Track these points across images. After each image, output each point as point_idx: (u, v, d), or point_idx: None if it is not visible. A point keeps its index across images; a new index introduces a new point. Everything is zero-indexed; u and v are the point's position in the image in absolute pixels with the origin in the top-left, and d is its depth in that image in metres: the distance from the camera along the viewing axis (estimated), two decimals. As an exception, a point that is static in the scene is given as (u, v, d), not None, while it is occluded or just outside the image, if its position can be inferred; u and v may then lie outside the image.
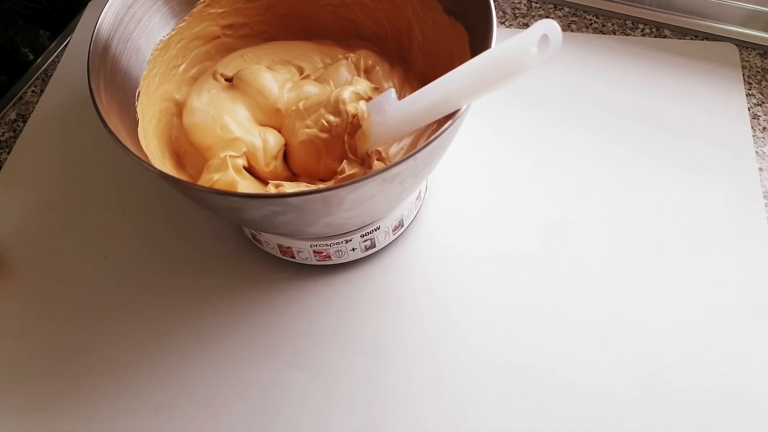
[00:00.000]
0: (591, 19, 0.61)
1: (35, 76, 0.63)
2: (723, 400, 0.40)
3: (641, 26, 0.60)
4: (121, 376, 0.43)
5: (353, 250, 0.45)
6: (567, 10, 0.62)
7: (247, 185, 0.41)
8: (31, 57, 0.63)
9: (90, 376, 0.43)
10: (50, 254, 0.50)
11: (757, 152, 0.50)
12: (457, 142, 0.39)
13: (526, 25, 0.61)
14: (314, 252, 0.44)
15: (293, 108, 0.43)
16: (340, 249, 0.44)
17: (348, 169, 0.40)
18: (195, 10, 0.46)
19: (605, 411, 0.39)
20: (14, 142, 0.57)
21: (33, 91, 0.62)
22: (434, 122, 0.37)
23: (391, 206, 0.42)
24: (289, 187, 0.40)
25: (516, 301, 0.44)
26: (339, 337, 0.44)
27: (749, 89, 0.54)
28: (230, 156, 0.41)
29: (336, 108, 0.40)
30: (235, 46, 0.49)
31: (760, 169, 0.49)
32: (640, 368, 0.41)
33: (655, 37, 0.59)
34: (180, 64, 0.47)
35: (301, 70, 0.47)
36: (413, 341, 0.43)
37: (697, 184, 0.49)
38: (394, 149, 0.43)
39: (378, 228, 0.44)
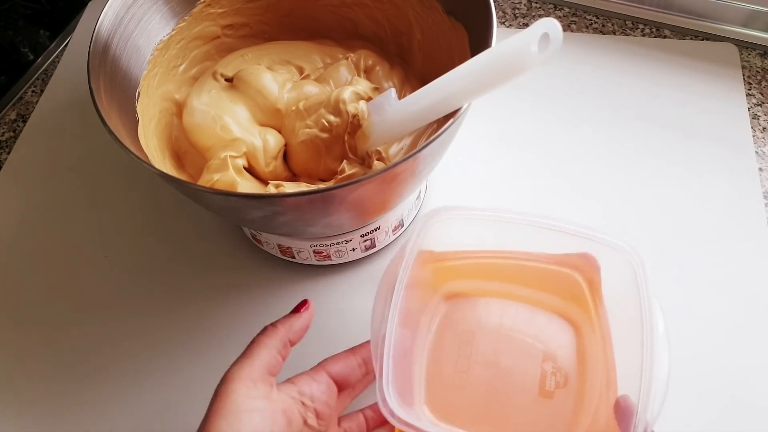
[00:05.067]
0: (591, 19, 0.61)
1: (35, 76, 0.63)
2: (722, 399, 0.40)
3: (641, 26, 0.60)
4: (121, 375, 0.43)
5: (353, 250, 0.45)
6: (567, 10, 0.62)
7: (247, 185, 0.41)
8: (31, 57, 0.63)
9: (90, 376, 0.43)
10: (50, 254, 0.50)
11: (757, 152, 0.50)
12: (458, 142, 0.38)
13: (526, 25, 0.61)
14: (314, 252, 0.44)
15: (293, 108, 0.43)
16: (340, 249, 0.44)
17: (348, 169, 0.40)
18: (195, 10, 0.46)
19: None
20: (14, 142, 0.57)
21: (33, 91, 0.62)
22: (434, 122, 0.37)
23: (391, 206, 0.42)
24: (289, 187, 0.40)
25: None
26: (338, 336, 0.44)
27: (749, 89, 0.54)
28: (230, 156, 0.41)
29: (336, 108, 0.40)
30: (235, 46, 0.49)
31: (760, 169, 0.49)
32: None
33: (655, 37, 0.59)
34: (180, 64, 0.47)
35: (301, 70, 0.47)
36: (413, 341, 0.43)
37: (698, 184, 0.49)
38: (394, 149, 0.43)
39: (378, 228, 0.44)
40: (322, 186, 0.40)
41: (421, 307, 0.39)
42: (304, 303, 0.36)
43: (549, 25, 0.29)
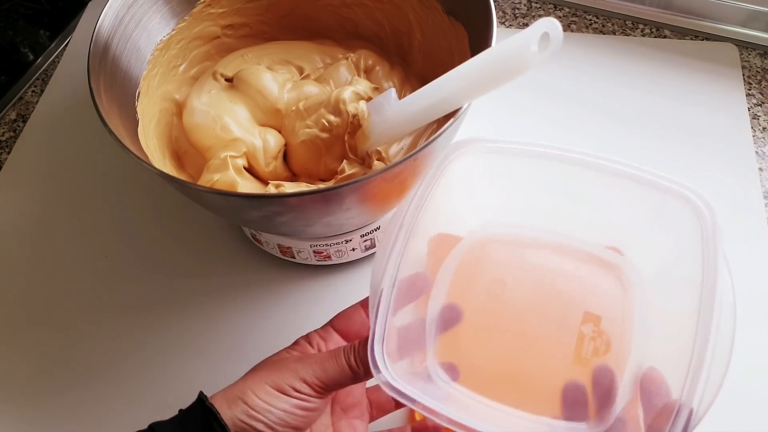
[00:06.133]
0: (591, 19, 0.61)
1: (35, 76, 0.63)
2: (722, 399, 0.39)
3: (641, 26, 0.60)
4: (121, 375, 0.43)
5: (353, 250, 0.45)
6: (567, 10, 0.62)
7: (247, 185, 0.41)
8: (31, 57, 0.63)
9: (89, 375, 0.43)
10: (50, 254, 0.49)
11: (757, 152, 0.50)
12: (457, 142, 0.38)
13: (526, 25, 0.61)
14: (314, 252, 0.44)
15: (293, 108, 0.43)
16: (340, 249, 0.44)
17: (348, 168, 0.40)
18: (195, 10, 0.46)
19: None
20: (14, 142, 0.57)
21: (33, 91, 0.62)
22: (434, 122, 0.37)
23: (391, 206, 0.42)
24: (289, 187, 0.40)
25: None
26: (339, 337, 0.44)
27: (749, 89, 0.54)
28: (230, 156, 0.41)
29: (336, 108, 0.40)
30: (235, 46, 0.49)
31: (760, 169, 0.49)
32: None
33: (655, 37, 0.59)
34: (180, 64, 0.47)
35: (301, 70, 0.47)
36: (413, 341, 0.43)
37: (697, 184, 0.48)
38: (394, 149, 0.43)
39: (378, 228, 0.44)
40: (322, 186, 0.40)
41: (445, 246, 0.34)
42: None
43: (549, 25, 0.29)
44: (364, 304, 0.35)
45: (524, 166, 0.32)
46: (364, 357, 0.30)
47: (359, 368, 0.30)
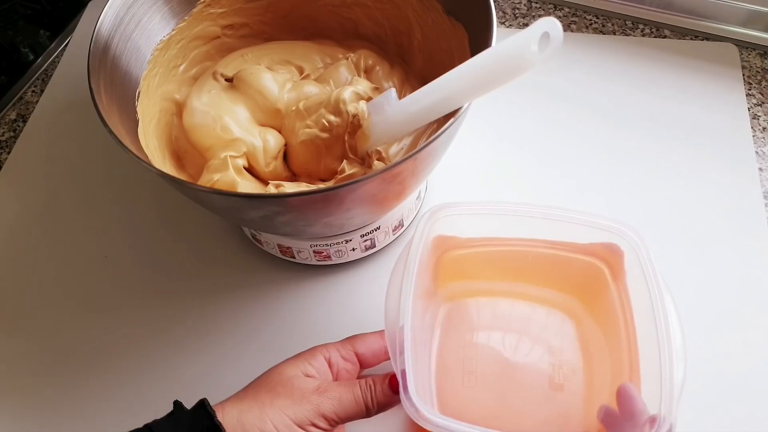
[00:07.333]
0: (591, 19, 0.61)
1: (35, 76, 0.63)
2: (723, 399, 0.40)
3: (641, 26, 0.60)
4: (121, 375, 0.43)
5: (353, 250, 0.45)
6: (567, 10, 0.62)
7: (247, 185, 0.41)
8: (31, 57, 0.63)
9: (89, 375, 0.43)
10: (49, 254, 0.49)
11: (757, 152, 0.50)
12: (458, 142, 0.38)
13: (526, 25, 0.61)
14: (314, 252, 0.44)
15: (293, 108, 0.43)
16: (340, 249, 0.44)
17: (348, 168, 0.40)
18: (195, 10, 0.46)
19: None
20: (14, 142, 0.57)
21: (33, 91, 0.62)
22: (434, 122, 0.37)
23: (391, 206, 0.42)
24: (289, 187, 0.40)
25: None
26: (339, 337, 0.43)
27: (749, 89, 0.54)
28: (230, 156, 0.41)
29: (336, 108, 0.40)
30: (235, 46, 0.49)
31: (760, 169, 0.49)
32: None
33: (655, 37, 0.59)
34: (180, 64, 0.47)
35: (301, 70, 0.47)
36: (413, 341, 0.43)
37: (697, 184, 0.49)
38: (394, 149, 0.43)
39: (378, 228, 0.44)
40: (322, 186, 0.40)
41: (424, 312, 0.38)
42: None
43: (549, 25, 0.29)
44: (383, 334, 0.37)
45: (491, 223, 0.38)
46: (381, 400, 0.33)
47: (374, 409, 0.33)
